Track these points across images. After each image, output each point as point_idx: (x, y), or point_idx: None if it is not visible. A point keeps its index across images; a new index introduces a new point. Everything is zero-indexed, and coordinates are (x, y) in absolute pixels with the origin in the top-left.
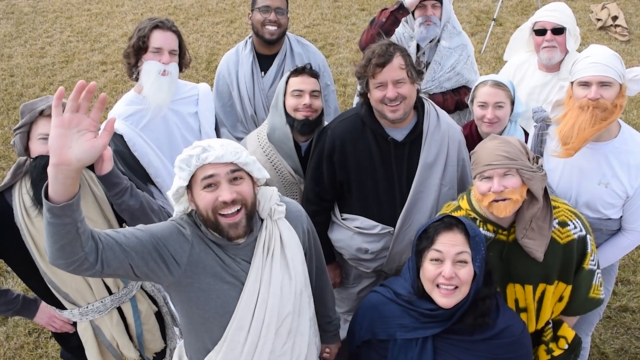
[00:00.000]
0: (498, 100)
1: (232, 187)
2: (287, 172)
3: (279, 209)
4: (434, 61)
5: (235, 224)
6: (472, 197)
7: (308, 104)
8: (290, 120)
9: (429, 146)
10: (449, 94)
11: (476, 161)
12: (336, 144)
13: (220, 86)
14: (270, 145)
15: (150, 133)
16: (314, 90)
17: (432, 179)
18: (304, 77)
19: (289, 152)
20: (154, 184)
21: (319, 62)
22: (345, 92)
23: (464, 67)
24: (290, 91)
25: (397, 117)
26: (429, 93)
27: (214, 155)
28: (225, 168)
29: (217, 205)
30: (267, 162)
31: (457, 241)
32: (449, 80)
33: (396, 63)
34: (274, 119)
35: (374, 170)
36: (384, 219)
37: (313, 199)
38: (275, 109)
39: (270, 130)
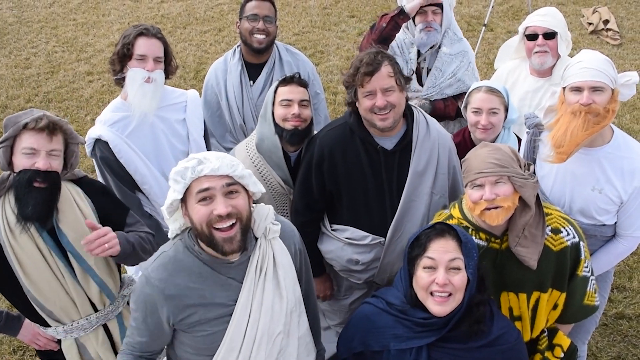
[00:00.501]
0: (492, 106)
1: (228, 201)
2: (276, 182)
3: (274, 228)
4: (435, 67)
5: (230, 239)
6: (464, 206)
7: (297, 114)
8: (279, 130)
9: (419, 154)
10: (450, 100)
11: (467, 169)
12: (325, 153)
13: (208, 95)
14: (259, 155)
15: (137, 140)
16: (302, 99)
17: (423, 188)
18: (292, 87)
19: (278, 163)
20: (141, 191)
21: (309, 70)
22: (336, 100)
23: (465, 73)
24: (278, 101)
25: (387, 125)
26: (430, 99)
27: (210, 167)
28: (220, 181)
29: (212, 219)
30: (256, 173)
31: (449, 248)
32: (450, 87)
33: (385, 71)
34: (262, 129)
35: (364, 180)
36: (374, 229)
37: (302, 209)
38: (263, 118)
39: (259, 140)
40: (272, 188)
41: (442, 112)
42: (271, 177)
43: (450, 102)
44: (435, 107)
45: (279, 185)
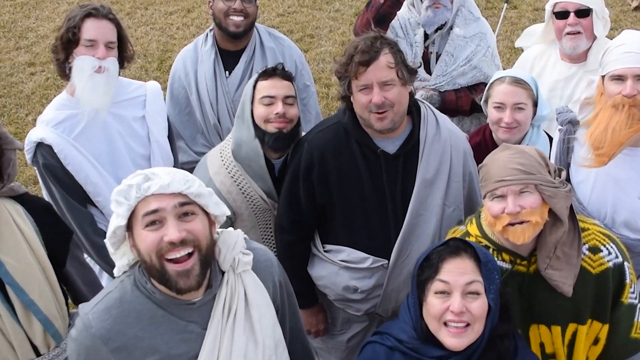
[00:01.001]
0: (517, 100)
1: (181, 225)
2: (257, 196)
3: (245, 259)
4: (446, 52)
5: (186, 272)
6: (483, 221)
7: (281, 113)
8: (260, 134)
9: (428, 159)
10: (463, 91)
11: (486, 177)
12: (314, 158)
13: (175, 89)
14: (236, 164)
15: (87, 142)
16: (287, 95)
17: (433, 199)
18: (275, 80)
19: (260, 172)
20: (94, 204)
21: (296, 58)
22: (329, 93)
23: (483, 60)
24: (258, 98)
25: (385, 127)
26: (440, 90)
27: (158, 184)
28: (172, 200)
29: (163, 247)
30: (233, 184)
31: (466, 268)
32: (463, 76)
33: (383, 61)
34: (239, 133)
35: (362, 190)
36: (375, 249)
37: (288, 226)
38: (241, 119)
39: (236, 145)
40: (253, 203)
41: (453, 106)
42: (251, 189)
43: (464, 94)
44: (445, 99)
45: (260, 200)
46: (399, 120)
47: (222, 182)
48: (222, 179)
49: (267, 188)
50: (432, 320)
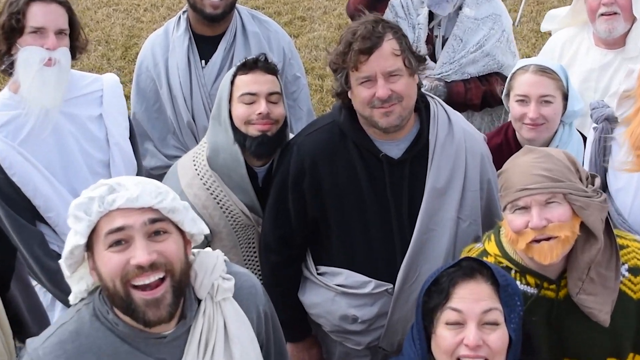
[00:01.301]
0: (544, 92)
1: (151, 245)
2: (238, 211)
3: (225, 285)
4: (454, 36)
5: (156, 301)
6: (503, 237)
7: (265, 113)
8: (240, 138)
9: (439, 164)
10: (473, 82)
11: (506, 185)
12: (305, 165)
13: (142, 82)
14: (212, 173)
15: (35, 148)
16: (272, 92)
17: (445, 212)
18: (257, 74)
19: (240, 183)
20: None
21: (284, 45)
22: (323, 86)
23: (497, 45)
24: (237, 95)
25: (392, 123)
26: (446, 80)
27: (125, 196)
28: (141, 217)
29: (129, 272)
30: (209, 198)
31: (482, 294)
32: (474, 64)
33: (387, 48)
34: (216, 136)
35: (361, 202)
36: (378, 271)
37: (275, 245)
38: (217, 121)
39: (212, 151)
40: (234, 218)
41: (461, 99)
42: (231, 203)
43: (474, 85)
44: (452, 91)
45: (242, 215)
46: (407, 116)
47: (196, 195)
48: (196, 192)
49: (249, 201)
50: (443, 356)
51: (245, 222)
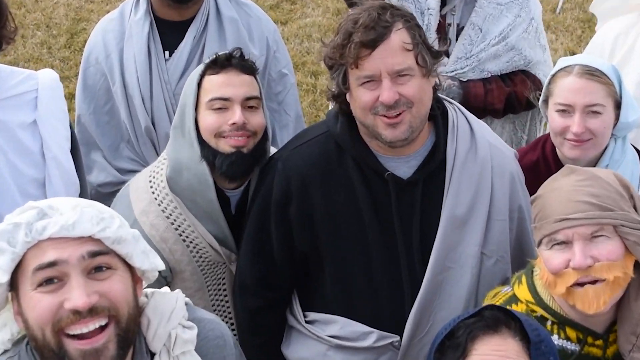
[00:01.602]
0: (591, 101)
1: (91, 284)
2: (205, 245)
3: (185, 335)
4: (472, 24)
5: (95, 352)
6: (537, 279)
7: (240, 123)
8: (209, 154)
9: (459, 186)
10: (495, 82)
11: (542, 214)
12: (293, 187)
13: (91, 77)
14: (173, 197)
15: None
16: (249, 96)
17: (466, 246)
18: (230, 75)
19: (209, 210)
20: None
21: (268, 34)
22: (317, 85)
23: (524, 37)
24: (206, 101)
25: (399, 136)
26: (461, 79)
27: (59, 223)
28: (78, 248)
29: (63, 318)
30: (169, 228)
31: (508, 352)
32: (495, 59)
33: (396, 41)
34: (178, 151)
35: (362, 233)
36: (381, 320)
37: (254, 286)
38: (180, 131)
39: (174, 170)
40: (200, 254)
41: (480, 103)
42: (196, 235)
43: (496, 86)
44: (468, 92)
45: (210, 250)
46: (419, 127)
47: (153, 225)
48: (153, 221)
49: (219, 232)
50: None
51: (214, 258)
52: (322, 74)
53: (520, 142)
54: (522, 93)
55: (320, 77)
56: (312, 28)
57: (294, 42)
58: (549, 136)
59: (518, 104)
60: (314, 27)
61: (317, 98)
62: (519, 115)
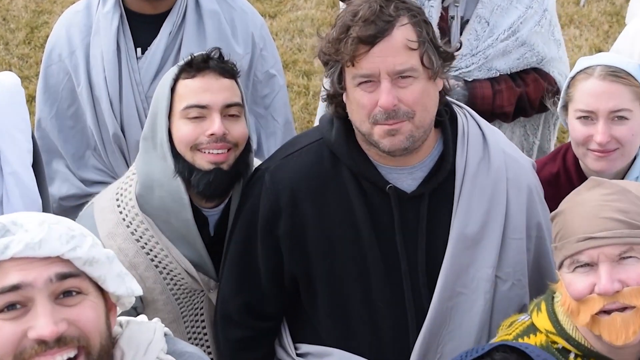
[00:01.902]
0: (617, 105)
1: (59, 311)
2: (180, 270)
3: None
4: (477, 17)
5: None
6: (558, 307)
7: (219, 134)
8: (184, 168)
9: (469, 202)
10: (504, 81)
11: (563, 232)
12: (282, 202)
13: (53, 76)
14: (144, 218)
15: None
16: (230, 103)
17: (478, 269)
18: (208, 79)
19: (184, 232)
20: None
21: (254, 30)
22: (310, 87)
23: (536, 31)
24: (181, 108)
25: (398, 146)
26: (466, 79)
27: (23, 241)
28: (45, 270)
29: (26, 349)
30: (139, 252)
31: None
32: (504, 56)
33: (399, 37)
34: (149, 164)
35: (361, 253)
36: (383, 352)
37: (238, 315)
38: (150, 142)
39: (144, 187)
40: (174, 281)
41: (487, 106)
42: (170, 260)
43: (505, 86)
44: (474, 94)
45: (186, 276)
46: (422, 136)
47: (121, 248)
48: (122, 244)
49: (196, 257)
50: None
51: (190, 285)
52: (315, 74)
53: (532, 148)
54: (534, 94)
55: (313, 78)
56: (304, 22)
57: (284, 38)
58: (570, 145)
59: (530, 106)
60: (307, 21)
61: (309, 101)
62: (530, 118)
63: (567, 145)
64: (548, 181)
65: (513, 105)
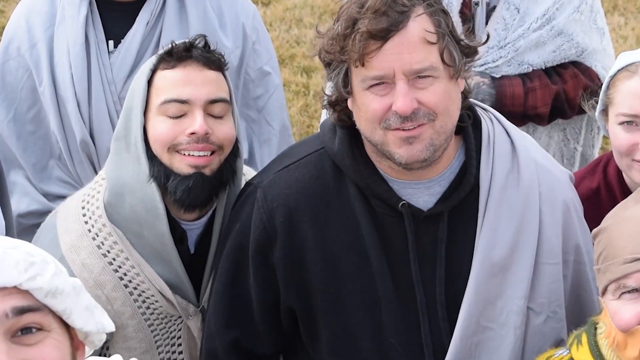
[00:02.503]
0: None
1: (16, 351)
2: (154, 292)
3: None
4: (505, 3)
5: None
6: (602, 339)
7: (201, 133)
8: (160, 173)
9: (497, 221)
10: (537, 78)
11: (607, 252)
12: (277, 222)
13: (10, 73)
14: (112, 230)
15: None
16: (214, 98)
17: (507, 299)
18: (190, 69)
19: (159, 247)
20: None
21: (245, 19)
22: (310, 85)
23: (575, 18)
24: (158, 103)
25: (417, 157)
26: (493, 75)
27: None
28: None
29: None
30: (106, 270)
31: None
32: (538, 48)
33: (415, 31)
34: (121, 167)
35: (369, 282)
36: None
37: (225, 354)
38: (123, 142)
39: (114, 193)
40: (146, 304)
41: (519, 107)
42: (142, 279)
43: (539, 84)
44: (503, 93)
45: (160, 298)
46: (443, 144)
47: (85, 264)
48: (86, 259)
49: (173, 276)
50: None
51: (166, 310)
52: (316, 71)
53: (573, 156)
54: (573, 92)
55: (314, 75)
56: (303, 10)
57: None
58: (611, 156)
59: (569, 106)
60: (306, 9)
61: (309, 102)
62: (570, 120)
63: (609, 155)
64: (587, 198)
65: (548, 105)
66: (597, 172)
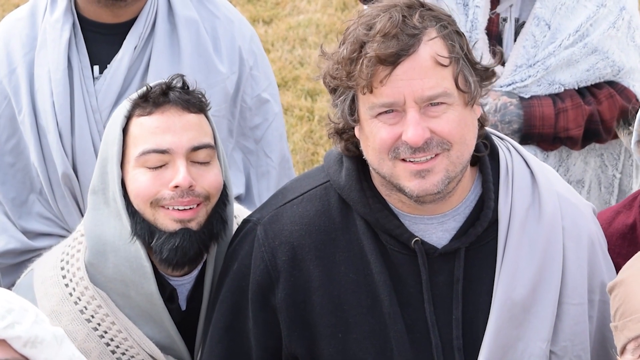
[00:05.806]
0: None
1: None
2: (144, 355)
3: None
4: (535, 18)
5: None
6: None
7: (185, 186)
8: (143, 230)
9: (517, 259)
10: (569, 98)
11: (624, 307)
12: (279, 262)
13: None
14: (95, 292)
15: None
16: (198, 145)
17: (529, 342)
18: (168, 115)
19: (147, 307)
20: None
21: (242, 42)
22: (314, 110)
23: (610, 35)
24: (136, 154)
25: (430, 190)
26: (522, 96)
27: None
28: None
29: None
30: (90, 336)
31: None
32: (571, 66)
33: (427, 55)
34: (100, 225)
35: (380, 325)
36: None
37: None
38: (101, 196)
39: (95, 252)
40: None
41: (549, 128)
42: (130, 344)
43: (572, 104)
44: (532, 114)
45: None
46: (457, 175)
47: (68, 331)
48: (68, 326)
49: (164, 337)
50: None
51: None
52: (321, 94)
53: (611, 184)
54: (609, 114)
55: (319, 99)
56: (307, 29)
57: (282, 49)
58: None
59: (605, 129)
60: (311, 28)
61: (314, 128)
62: (608, 145)
63: None
64: (622, 234)
65: (581, 127)
66: (634, 207)
